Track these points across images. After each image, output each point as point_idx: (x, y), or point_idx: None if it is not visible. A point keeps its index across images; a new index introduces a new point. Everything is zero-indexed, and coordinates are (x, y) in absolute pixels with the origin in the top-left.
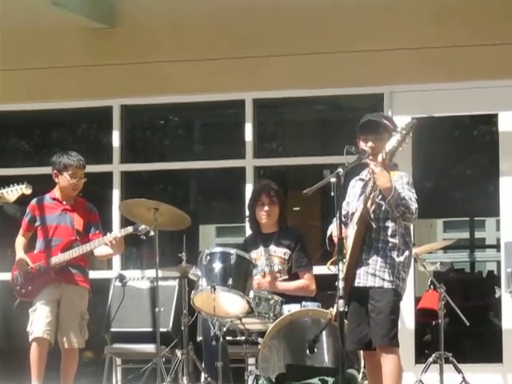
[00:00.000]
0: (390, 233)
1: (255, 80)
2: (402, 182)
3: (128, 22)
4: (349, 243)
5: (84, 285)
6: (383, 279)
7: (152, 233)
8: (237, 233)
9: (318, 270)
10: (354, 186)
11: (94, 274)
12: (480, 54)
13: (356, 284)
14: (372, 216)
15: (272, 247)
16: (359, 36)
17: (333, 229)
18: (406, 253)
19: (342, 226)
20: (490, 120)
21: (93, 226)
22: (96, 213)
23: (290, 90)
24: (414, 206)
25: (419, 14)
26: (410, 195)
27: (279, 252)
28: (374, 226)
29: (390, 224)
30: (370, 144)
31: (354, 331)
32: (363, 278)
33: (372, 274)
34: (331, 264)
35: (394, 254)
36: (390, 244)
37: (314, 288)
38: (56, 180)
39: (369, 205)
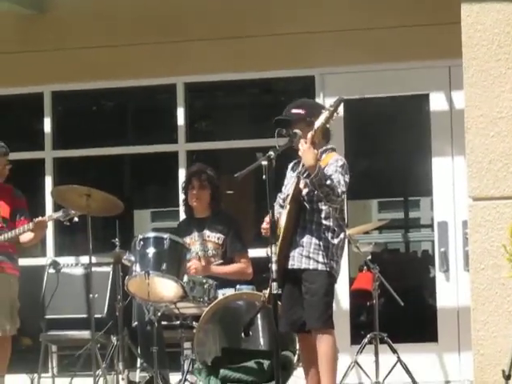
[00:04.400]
0: (323, 215)
1: (186, 64)
2: (336, 164)
3: (57, 7)
4: (281, 224)
5: (12, 272)
6: (317, 261)
7: (76, 219)
8: (172, 217)
9: (253, 253)
10: (293, 168)
11: (27, 261)
12: (408, 35)
13: (290, 266)
14: (306, 197)
15: (206, 232)
16: (289, 19)
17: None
18: (341, 235)
19: (281, 208)
20: (423, 100)
21: (18, 212)
22: (23, 199)
23: (221, 73)
24: (339, 189)
25: None
26: (339, 178)
27: (213, 237)
28: (308, 207)
29: (323, 206)
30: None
31: (287, 313)
32: (297, 260)
33: (306, 256)
34: None
35: (329, 236)
36: (324, 226)
37: (251, 271)
38: None
39: (301, 185)
